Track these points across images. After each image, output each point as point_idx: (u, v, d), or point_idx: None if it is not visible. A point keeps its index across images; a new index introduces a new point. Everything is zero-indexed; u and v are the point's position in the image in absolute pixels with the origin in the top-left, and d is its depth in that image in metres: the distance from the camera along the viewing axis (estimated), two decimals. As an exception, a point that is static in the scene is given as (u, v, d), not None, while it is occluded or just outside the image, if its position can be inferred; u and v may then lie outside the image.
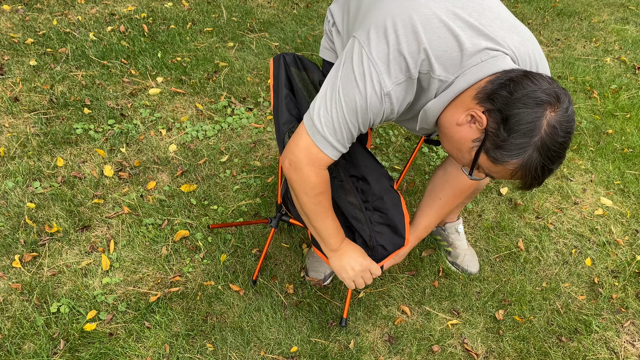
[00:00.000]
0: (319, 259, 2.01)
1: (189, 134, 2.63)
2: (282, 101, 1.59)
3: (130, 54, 3.11)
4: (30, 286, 1.87)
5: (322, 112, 1.28)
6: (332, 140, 1.30)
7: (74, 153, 2.43)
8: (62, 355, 1.68)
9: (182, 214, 2.21)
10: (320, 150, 1.31)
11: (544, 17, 4.33)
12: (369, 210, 1.60)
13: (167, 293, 1.90)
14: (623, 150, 2.84)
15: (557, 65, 3.63)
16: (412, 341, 1.84)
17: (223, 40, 3.43)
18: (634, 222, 2.41)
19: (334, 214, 1.51)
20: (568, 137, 1.15)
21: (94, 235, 2.08)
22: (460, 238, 2.14)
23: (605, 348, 1.88)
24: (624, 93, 3.34)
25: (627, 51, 3.90)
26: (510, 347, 1.86)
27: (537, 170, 1.16)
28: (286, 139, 1.56)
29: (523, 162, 1.15)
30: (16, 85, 2.76)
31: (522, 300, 2.01)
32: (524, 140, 1.13)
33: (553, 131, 1.12)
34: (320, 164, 1.35)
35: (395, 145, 2.75)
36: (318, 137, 1.30)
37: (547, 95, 1.12)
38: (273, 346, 1.78)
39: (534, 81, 1.13)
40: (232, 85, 3.00)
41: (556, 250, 2.25)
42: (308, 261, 2.03)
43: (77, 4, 3.55)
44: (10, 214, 2.11)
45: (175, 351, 1.73)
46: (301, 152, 1.33)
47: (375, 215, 1.59)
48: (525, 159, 1.14)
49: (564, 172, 2.66)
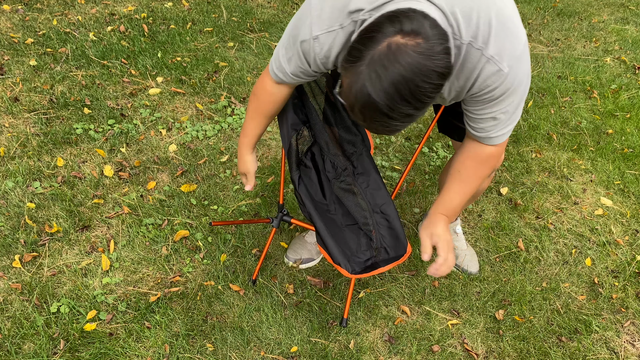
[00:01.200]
0: (301, 243, 2.08)
1: (189, 134, 2.63)
2: (290, 104, 1.63)
3: (130, 54, 3.11)
4: (30, 286, 1.87)
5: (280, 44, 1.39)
6: (278, 64, 1.40)
7: (74, 153, 2.43)
8: (62, 355, 1.68)
9: (182, 214, 2.21)
10: (270, 71, 1.44)
11: (544, 17, 4.33)
12: (376, 212, 1.66)
13: (167, 293, 1.90)
14: (623, 150, 2.84)
15: (557, 65, 3.63)
16: (412, 341, 1.84)
17: (223, 40, 3.43)
18: (634, 222, 2.41)
19: (256, 124, 1.59)
20: (411, 77, 0.96)
21: (94, 235, 2.08)
22: (459, 239, 2.14)
23: (605, 348, 1.88)
24: (624, 93, 3.34)
25: (627, 51, 3.90)
26: (510, 347, 1.86)
27: (358, 93, 1.00)
28: (292, 142, 1.59)
29: (354, 72, 1.01)
30: (16, 85, 2.76)
31: (522, 300, 2.01)
32: (358, 47, 1.01)
33: (390, 55, 0.96)
34: (267, 83, 1.48)
35: (395, 145, 2.75)
36: (274, 65, 1.42)
37: (412, 25, 0.98)
38: (273, 346, 1.78)
39: (418, 18, 0.99)
40: (232, 85, 3.00)
41: (556, 250, 2.25)
42: (292, 242, 2.10)
43: (77, 4, 3.55)
44: (10, 214, 2.11)
45: (175, 351, 1.73)
46: (261, 75, 1.51)
47: (381, 219, 1.65)
48: (355, 70, 1.00)
49: (564, 172, 2.66)
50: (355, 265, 1.62)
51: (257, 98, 1.53)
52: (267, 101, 1.53)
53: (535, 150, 2.80)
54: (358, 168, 1.70)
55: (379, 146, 2.73)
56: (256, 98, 1.54)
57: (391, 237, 1.65)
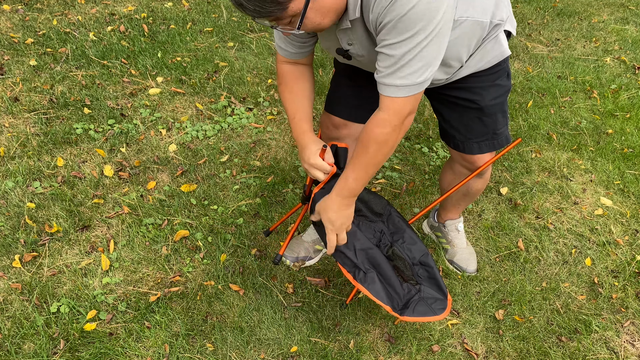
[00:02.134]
0: (298, 242, 2.08)
1: (189, 133, 2.63)
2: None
3: (130, 54, 3.11)
4: (30, 286, 1.87)
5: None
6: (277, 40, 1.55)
7: (74, 153, 2.43)
8: (62, 355, 1.68)
9: (182, 213, 2.21)
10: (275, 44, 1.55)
11: (544, 17, 4.34)
12: (415, 265, 1.69)
13: (167, 293, 1.90)
14: (623, 150, 2.84)
15: (557, 65, 3.63)
16: (412, 341, 1.84)
17: (223, 40, 3.43)
18: (634, 222, 2.41)
19: (298, 105, 1.59)
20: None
21: (94, 235, 2.08)
22: (460, 236, 2.14)
23: (605, 348, 1.88)
24: (623, 93, 3.34)
25: (627, 51, 3.90)
26: (510, 347, 1.86)
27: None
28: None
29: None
30: (16, 85, 2.76)
31: (522, 300, 2.01)
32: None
33: None
34: (279, 59, 1.60)
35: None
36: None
37: None
38: (273, 346, 1.78)
39: None
40: (232, 85, 3.00)
41: (556, 250, 2.25)
42: (290, 241, 2.09)
43: (77, 4, 3.55)
44: (10, 214, 2.11)
45: (175, 351, 1.73)
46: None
47: (422, 270, 1.70)
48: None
49: (564, 172, 2.66)
50: (399, 300, 1.64)
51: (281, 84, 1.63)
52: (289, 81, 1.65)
53: (535, 150, 2.80)
54: (390, 228, 1.73)
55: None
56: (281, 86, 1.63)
57: (432, 285, 1.68)
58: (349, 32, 1.35)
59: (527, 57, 3.72)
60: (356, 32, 1.34)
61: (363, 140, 1.39)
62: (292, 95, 1.60)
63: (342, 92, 1.74)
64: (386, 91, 1.30)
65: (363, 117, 1.63)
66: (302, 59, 1.58)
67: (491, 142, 1.70)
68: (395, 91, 1.29)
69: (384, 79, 1.29)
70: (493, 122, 1.66)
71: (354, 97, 1.72)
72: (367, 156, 1.40)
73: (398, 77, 1.26)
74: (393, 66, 1.25)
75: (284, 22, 1.22)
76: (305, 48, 1.55)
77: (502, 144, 1.73)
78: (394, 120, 1.33)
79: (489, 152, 1.73)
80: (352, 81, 1.71)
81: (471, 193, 1.94)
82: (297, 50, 1.54)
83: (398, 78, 1.26)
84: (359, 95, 1.71)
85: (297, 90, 1.60)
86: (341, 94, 1.75)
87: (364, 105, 1.65)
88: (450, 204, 2.07)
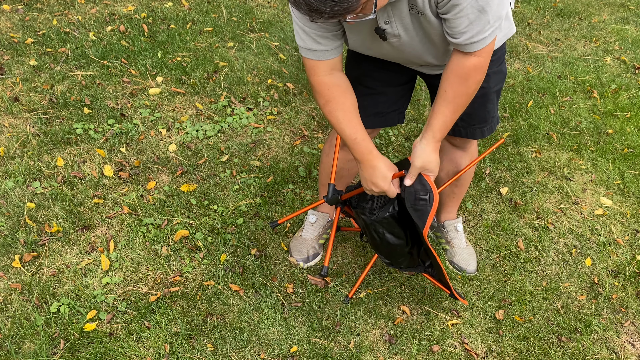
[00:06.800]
0: (301, 242, 2.09)
1: (189, 133, 2.63)
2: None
3: (130, 54, 3.11)
4: (30, 286, 1.87)
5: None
6: (300, 44, 1.46)
7: (74, 153, 2.43)
8: (62, 355, 1.68)
9: (182, 213, 2.21)
10: (305, 57, 1.47)
11: (544, 17, 4.33)
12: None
13: (167, 293, 1.90)
14: (623, 150, 2.84)
15: (557, 65, 3.63)
16: (412, 341, 1.84)
17: (223, 40, 3.43)
18: (634, 222, 2.41)
19: (354, 124, 1.52)
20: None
21: (94, 235, 2.08)
22: (459, 236, 2.15)
23: (605, 348, 1.88)
24: (624, 93, 3.34)
25: (627, 51, 3.90)
26: (510, 347, 1.86)
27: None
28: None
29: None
30: (16, 85, 2.76)
31: (522, 300, 2.01)
32: None
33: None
34: (315, 72, 1.49)
35: (395, 145, 2.75)
36: (301, 50, 1.47)
37: None
38: (273, 346, 1.78)
39: None
40: (232, 85, 3.00)
41: (556, 250, 2.25)
42: (292, 244, 2.10)
43: (77, 4, 3.55)
44: (10, 213, 2.11)
45: (175, 351, 1.73)
46: (306, 70, 1.52)
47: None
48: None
49: (564, 172, 2.66)
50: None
51: (328, 102, 1.53)
52: (335, 97, 1.58)
53: (535, 150, 2.80)
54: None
55: (378, 146, 2.73)
56: (329, 104, 1.53)
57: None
58: (389, 8, 1.35)
59: (527, 57, 3.72)
60: (398, 7, 1.35)
61: (459, 74, 1.42)
62: (346, 113, 1.51)
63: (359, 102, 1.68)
64: (478, 45, 1.34)
65: (385, 121, 1.81)
66: (338, 62, 1.51)
67: (490, 125, 1.81)
68: (488, 39, 1.34)
69: (473, 38, 1.32)
70: (493, 107, 1.76)
71: (371, 107, 1.74)
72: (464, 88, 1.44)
73: (484, 31, 1.31)
74: (476, 20, 1.29)
75: (357, 11, 1.20)
76: (339, 39, 1.47)
77: (495, 125, 1.84)
78: (488, 58, 1.40)
79: (489, 135, 1.83)
80: (367, 88, 1.71)
81: (462, 177, 1.98)
82: (335, 42, 1.46)
83: (484, 32, 1.32)
84: (376, 102, 1.74)
85: (349, 106, 1.52)
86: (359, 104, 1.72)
87: (382, 111, 1.75)
88: (445, 195, 2.10)
